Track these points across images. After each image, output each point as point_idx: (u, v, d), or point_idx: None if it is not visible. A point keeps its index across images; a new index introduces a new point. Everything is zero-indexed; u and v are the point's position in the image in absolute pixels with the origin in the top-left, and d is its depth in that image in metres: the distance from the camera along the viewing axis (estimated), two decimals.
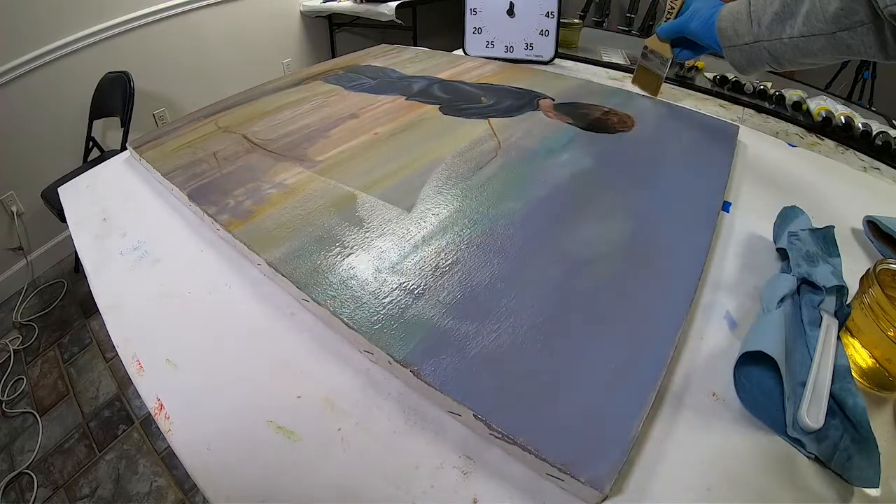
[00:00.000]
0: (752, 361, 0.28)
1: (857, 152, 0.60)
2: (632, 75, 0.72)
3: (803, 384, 0.26)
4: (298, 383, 0.30)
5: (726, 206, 0.44)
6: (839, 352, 0.27)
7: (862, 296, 0.29)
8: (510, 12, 0.81)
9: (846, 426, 0.25)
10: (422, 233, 0.39)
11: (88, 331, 1.48)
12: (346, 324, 0.31)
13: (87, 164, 1.66)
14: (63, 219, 0.66)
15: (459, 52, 0.89)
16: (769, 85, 0.76)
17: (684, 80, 0.80)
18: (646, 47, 0.66)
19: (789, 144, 0.59)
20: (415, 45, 1.77)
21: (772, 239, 0.40)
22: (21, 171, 1.61)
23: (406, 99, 0.66)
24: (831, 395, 0.25)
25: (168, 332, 0.35)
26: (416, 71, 0.77)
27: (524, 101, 0.62)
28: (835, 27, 0.39)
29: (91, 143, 1.68)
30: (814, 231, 0.37)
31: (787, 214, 0.40)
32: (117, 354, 0.34)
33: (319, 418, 0.28)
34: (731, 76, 0.78)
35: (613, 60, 0.91)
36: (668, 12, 0.60)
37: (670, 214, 0.40)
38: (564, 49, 0.91)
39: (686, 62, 0.78)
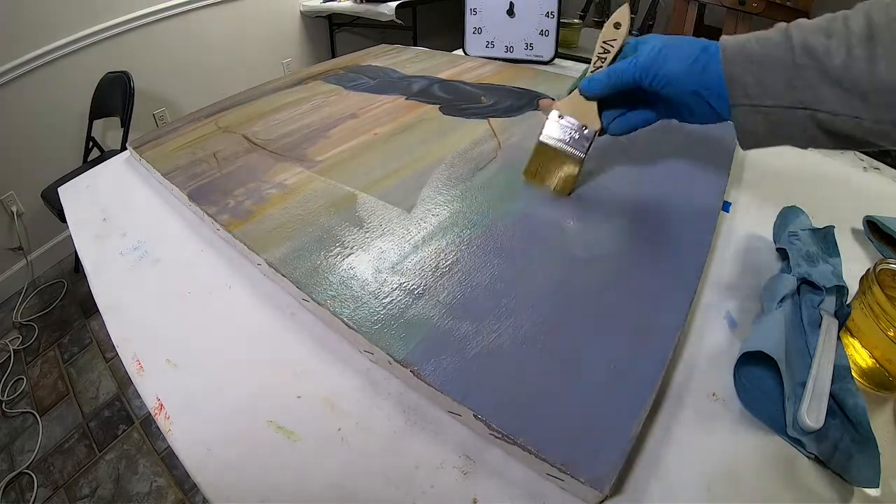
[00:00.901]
0: (752, 361, 0.28)
1: (857, 152, 0.60)
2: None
3: (803, 384, 0.26)
4: (298, 383, 0.30)
5: (726, 206, 0.44)
6: (839, 352, 0.27)
7: (862, 296, 0.29)
8: (510, 12, 0.81)
9: (846, 426, 0.25)
10: (422, 233, 0.39)
11: (88, 331, 1.48)
12: (346, 324, 0.31)
13: (87, 164, 1.66)
14: (63, 219, 0.66)
15: (459, 52, 0.89)
16: None
17: None
18: (554, 112, 0.41)
19: None
20: (415, 45, 1.77)
21: (772, 239, 0.40)
22: (21, 171, 1.61)
23: (406, 99, 0.66)
24: (831, 395, 0.25)
25: (168, 332, 0.35)
26: (416, 71, 0.77)
27: (524, 102, 0.62)
28: None
29: (91, 143, 1.68)
30: (814, 231, 0.37)
31: (787, 214, 0.40)
32: (117, 354, 0.34)
33: (319, 418, 0.28)
34: None
35: None
36: (600, 58, 0.38)
37: (670, 214, 0.40)
38: (564, 49, 0.91)
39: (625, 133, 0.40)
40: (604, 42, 0.38)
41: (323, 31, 2.51)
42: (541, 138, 0.42)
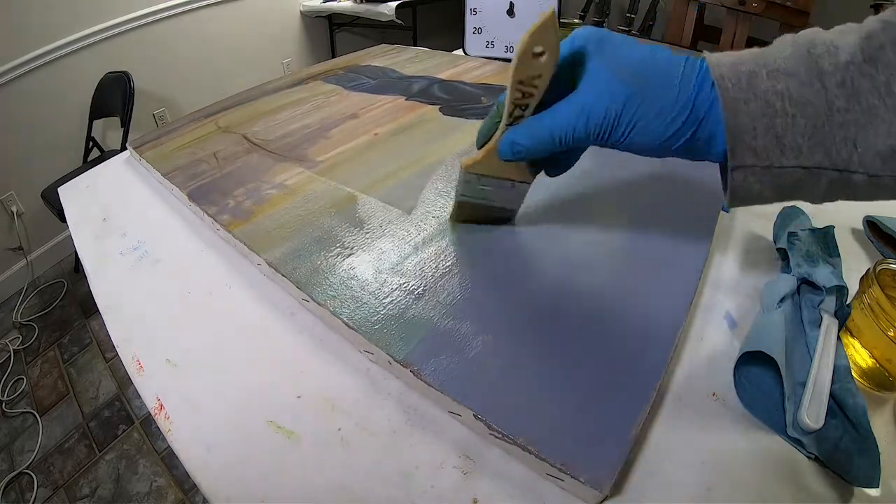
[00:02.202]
0: (752, 361, 0.28)
1: None
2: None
3: (803, 384, 0.26)
4: (298, 383, 0.30)
5: (726, 206, 0.44)
6: (839, 352, 0.27)
7: (862, 296, 0.29)
8: (510, 12, 0.81)
9: (846, 426, 0.25)
10: (422, 234, 0.39)
11: (88, 331, 1.48)
12: (346, 324, 0.31)
13: (87, 164, 1.66)
14: (63, 219, 0.66)
15: (459, 52, 0.89)
16: None
17: None
18: (470, 175, 0.32)
19: None
20: (415, 45, 1.77)
21: (772, 239, 0.40)
22: (21, 171, 1.61)
23: (406, 99, 0.66)
24: (831, 395, 0.25)
25: (168, 332, 0.35)
26: (416, 71, 0.77)
27: None
28: None
29: (91, 143, 1.68)
30: (814, 231, 0.37)
31: (787, 214, 0.40)
32: (117, 354, 0.34)
33: (319, 418, 0.28)
34: None
35: None
36: (517, 105, 0.27)
37: (670, 214, 0.40)
38: None
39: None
40: (519, 83, 0.26)
41: (323, 31, 2.51)
42: (459, 199, 0.35)
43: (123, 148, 0.84)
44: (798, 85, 0.21)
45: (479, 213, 0.36)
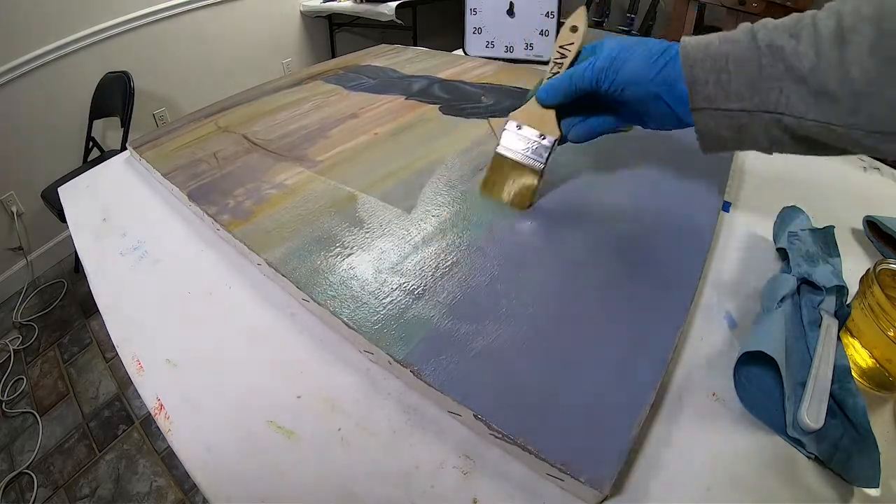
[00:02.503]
0: (752, 361, 0.28)
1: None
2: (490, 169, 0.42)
3: (803, 384, 0.26)
4: (298, 383, 0.30)
5: (726, 206, 0.44)
6: (839, 352, 0.27)
7: (862, 296, 0.29)
8: (510, 12, 0.81)
9: (846, 426, 0.25)
10: (422, 234, 0.39)
11: (88, 331, 1.48)
12: (346, 324, 0.31)
13: (87, 164, 1.66)
14: (63, 219, 0.66)
15: (459, 52, 0.89)
16: None
17: None
18: (511, 122, 0.39)
19: None
20: (415, 45, 1.77)
21: (772, 239, 0.40)
22: (21, 171, 1.61)
23: (406, 99, 0.66)
24: (831, 395, 0.25)
25: (168, 332, 0.35)
26: (416, 71, 0.77)
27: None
28: None
29: (91, 143, 1.68)
30: (814, 231, 0.37)
31: (787, 214, 0.40)
32: (117, 354, 0.34)
33: (319, 418, 0.28)
34: None
35: None
36: (556, 63, 0.37)
37: (670, 214, 0.40)
38: None
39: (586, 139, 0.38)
40: (560, 47, 0.37)
41: (323, 31, 2.51)
42: (497, 150, 0.40)
43: (123, 148, 0.84)
44: (740, 49, 0.27)
45: (509, 169, 0.41)
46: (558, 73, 0.36)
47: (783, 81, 0.26)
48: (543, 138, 0.38)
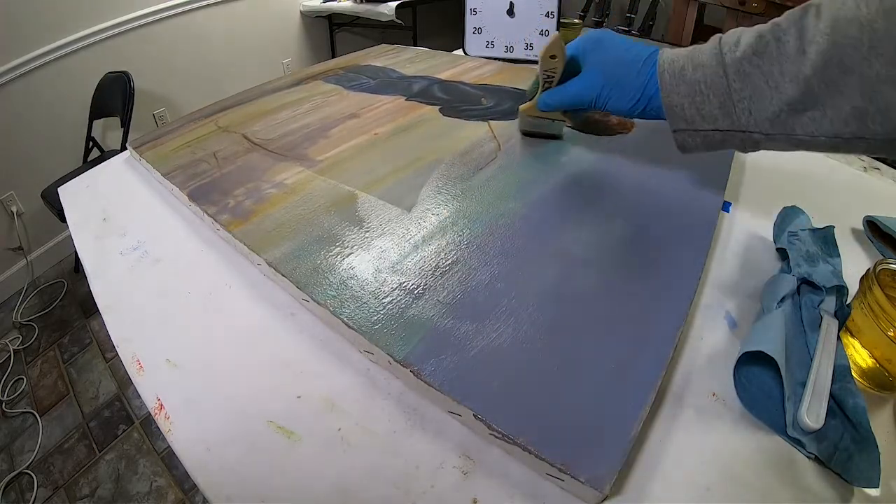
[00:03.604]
0: (752, 361, 0.28)
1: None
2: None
3: (803, 384, 0.26)
4: (298, 383, 0.30)
5: (726, 206, 0.44)
6: (839, 352, 0.27)
7: (862, 296, 0.29)
8: (510, 12, 0.81)
9: (846, 426, 0.25)
10: (422, 233, 0.39)
11: (88, 331, 1.48)
12: (346, 324, 0.31)
13: (87, 164, 1.66)
14: (63, 219, 0.66)
15: (459, 52, 0.89)
16: None
17: None
18: (523, 114, 0.49)
19: None
20: (415, 45, 1.77)
21: (772, 239, 0.40)
22: (21, 171, 1.61)
23: (406, 99, 0.66)
24: (831, 395, 0.25)
25: (168, 332, 0.35)
26: (416, 71, 0.77)
27: None
28: None
29: (91, 143, 1.68)
30: (814, 231, 0.37)
31: (787, 214, 0.40)
32: (117, 354, 0.34)
33: (319, 418, 0.28)
34: None
35: None
36: (546, 81, 0.43)
37: (670, 214, 0.40)
38: None
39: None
40: (544, 71, 0.43)
41: (323, 31, 2.51)
42: (521, 129, 0.53)
43: (123, 148, 0.84)
44: (711, 75, 0.31)
45: (535, 130, 0.53)
46: (550, 85, 0.43)
47: (752, 102, 0.29)
48: (553, 122, 0.50)
